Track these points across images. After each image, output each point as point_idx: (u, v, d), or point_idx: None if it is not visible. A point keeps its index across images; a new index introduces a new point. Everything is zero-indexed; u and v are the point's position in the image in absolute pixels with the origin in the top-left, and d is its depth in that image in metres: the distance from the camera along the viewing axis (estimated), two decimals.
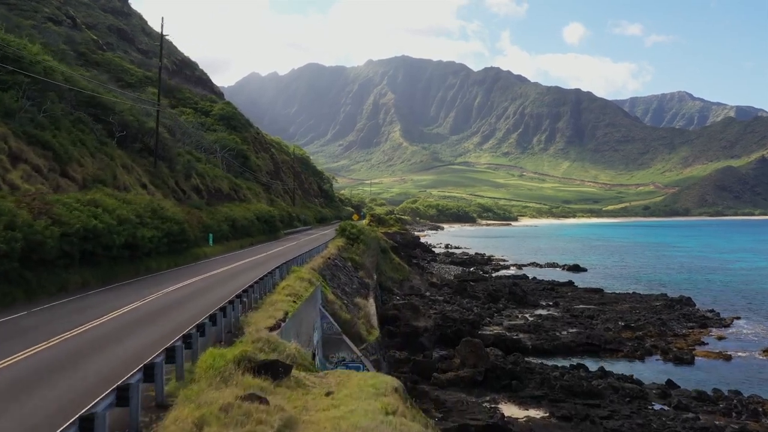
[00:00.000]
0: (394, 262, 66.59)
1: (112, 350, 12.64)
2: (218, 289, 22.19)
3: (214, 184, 61.32)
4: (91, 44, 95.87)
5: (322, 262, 35.09)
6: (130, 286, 23.77)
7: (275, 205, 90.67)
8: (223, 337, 13.64)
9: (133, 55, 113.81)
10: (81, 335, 13.94)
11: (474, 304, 59.61)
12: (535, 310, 60.91)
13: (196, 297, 20.48)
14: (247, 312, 16.95)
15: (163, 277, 27.41)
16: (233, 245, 50.38)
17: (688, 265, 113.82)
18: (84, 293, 21.65)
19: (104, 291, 22.41)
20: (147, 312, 17.19)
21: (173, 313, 16.81)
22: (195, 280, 25.81)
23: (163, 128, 58.46)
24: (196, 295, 20.88)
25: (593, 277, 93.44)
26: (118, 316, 16.29)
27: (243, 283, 21.98)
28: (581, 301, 66.80)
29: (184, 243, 36.00)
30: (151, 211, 32.74)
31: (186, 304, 18.67)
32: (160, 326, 14.86)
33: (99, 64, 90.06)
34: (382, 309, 45.37)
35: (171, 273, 29.61)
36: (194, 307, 17.71)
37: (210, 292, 21.58)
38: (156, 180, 45.91)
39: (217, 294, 20.62)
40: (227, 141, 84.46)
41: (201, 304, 18.08)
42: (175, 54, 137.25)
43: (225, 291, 21.06)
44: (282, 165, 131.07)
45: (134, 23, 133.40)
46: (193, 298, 20.14)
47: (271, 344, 11.96)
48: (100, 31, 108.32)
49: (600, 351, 45.57)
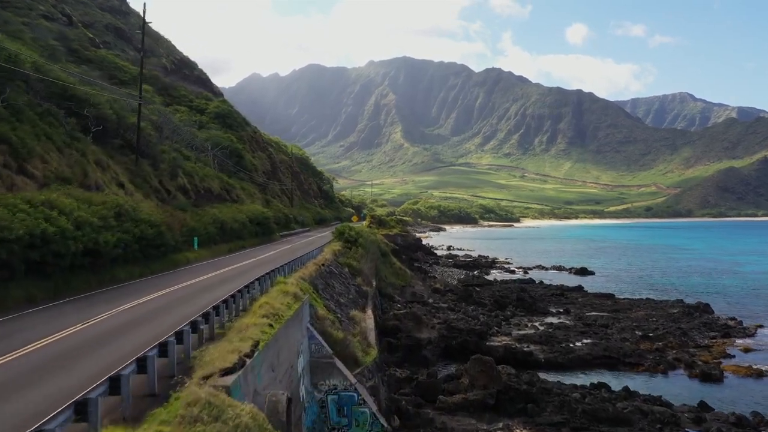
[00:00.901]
0: (395, 266, 62.85)
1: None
2: (181, 308, 18.52)
3: (204, 183, 57.71)
4: (84, 41, 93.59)
5: (315, 270, 31.43)
6: (84, 301, 20.15)
7: (271, 206, 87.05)
8: (156, 387, 9.94)
9: (130, 54, 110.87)
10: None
11: (480, 311, 55.91)
12: (545, 318, 57.23)
13: (151, 319, 16.82)
14: (205, 344, 13.28)
15: (128, 289, 23.76)
16: (221, 249, 46.76)
17: (699, 268, 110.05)
18: (25, 310, 18.06)
19: (49, 308, 18.78)
20: (74, 344, 13.45)
21: (108, 347, 13.07)
22: (161, 294, 22.14)
23: (148, 124, 54.95)
24: (151, 317, 17.21)
25: (602, 281, 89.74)
26: (33, 351, 12.60)
27: (215, 299, 18.39)
28: (593, 307, 63.09)
29: (161, 248, 32.39)
30: (121, 213, 29.13)
31: (132, 331, 14.99)
32: (75, 372, 10.94)
33: (92, 61, 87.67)
34: (381, 319, 41.71)
35: (140, 283, 25.96)
36: (138, 336, 14.02)
37: (170, 312, 17.92)
38: (136, 179, 42.28)
39: (176, 315, 16.94)
40: (221, 139, 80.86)
41: (149, 332, 14.41)
42: (174, 53, 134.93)
43: (189, 310, 17.39)
44: (280, 165, 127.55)
45: (132, 22, 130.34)
46: (145, 321, 16.47)
47: (213, 409, 8.33)
48: (97, 30, 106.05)
49: (619, 365, 41.90)
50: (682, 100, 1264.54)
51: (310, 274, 29.52)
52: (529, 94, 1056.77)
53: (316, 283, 29.34)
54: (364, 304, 36.41)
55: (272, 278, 23.41)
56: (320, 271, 32.62)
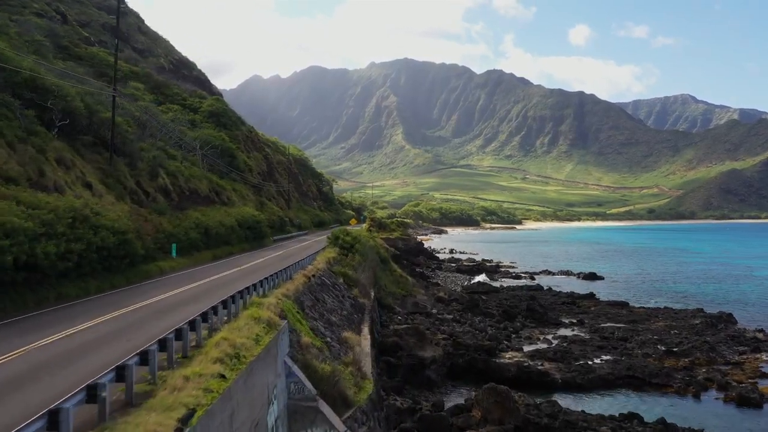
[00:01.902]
0: (396, 273, 58.58)
1: None
2: (115, 345, 14.27)
3: (190, 184, 53.53)
4: (75, 38, 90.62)
5: (303, 283, 27.24)
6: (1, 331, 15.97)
7: (265, 208, 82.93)
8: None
9: (127, 53, 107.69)
10: None
11: (488, 323, 51.65)
12: (558, 330, 52.97)
13: (63, 364, 12.49)
14: (112, 416, 9.01)
15: (71, 310, 19.60)
16: (205, 257, 42.62)
17: (711, 274, 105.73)
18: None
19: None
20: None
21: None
22: (104, 319, 17.94)
23: (129, 120, 50.85)
24: (65, 360, 12.87)
25: (613, 288, 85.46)
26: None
27: (166, 328, 14.23)
28: (608, 317, 58.81)
29: (126, 258, 28.23)
30: (77, 219, 24.97)
31: (16, 392, 10.69)
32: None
33: (82, 58, 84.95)
34: (380, 336, 37.50)
35: (90, 303, 21.79)
36: (15, 405, 9.76)
37: (99, 350, 13.68)
38: (108, 179, 38.10)
39: (99, 359, 12.68)
40: (212, 138, 76.70)
41: (39, 394, 10.16)
42: (173, 53, 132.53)
43: (116, 352, 13.15)
44: (277, 166, 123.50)
45: (130, 22, 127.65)
46: (53, 368, 12.13)
47: None
48: (93, 29, 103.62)
49: (644, 386, 37.67)
50: (684, 102, 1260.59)
51: (296, 288, 25.33)
52: (530, 96, 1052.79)
53: (303, 300, 25.15)
54: (360, 320, 32.20)
55: (246, 298, 19.23)
56: (309, 284, 28.43)
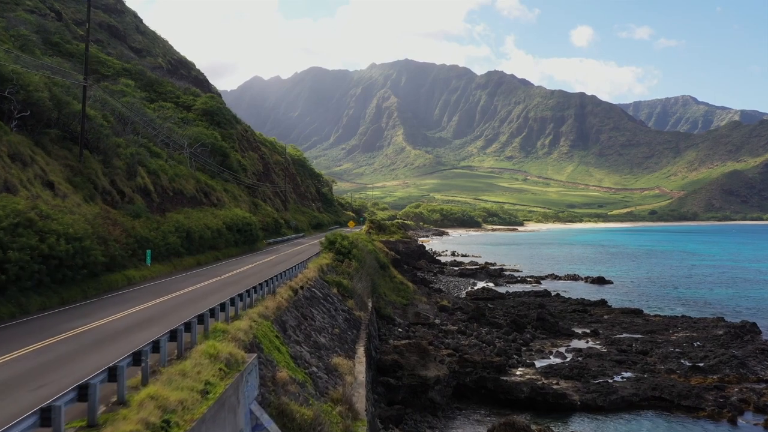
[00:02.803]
0: (396, 280, 54.55)
1: None
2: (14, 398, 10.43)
3: (174, 184, 49.68)
4: (66, 35, 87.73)
5: (287, 299, 23.35)
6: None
7: (260, 210, 79.17)
8: None
9: (120, 51, 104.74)
10: None
11: (495, 334, 47.68)
12: (570, 342, 49.06)
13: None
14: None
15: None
16: (187, 263, 38.80)
17: (724, 278, 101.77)
18: None
19: None
20: None
21: None
22: (23, 352, 14.08)
23: (107, 114, 47.03)
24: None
25: (624, 293, 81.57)
26: None
27: (86, 373, 10.41)
28: (623, 327, 54.88)
29: (84, 268, 24.38)
30: (20, 224, 21.15)
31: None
32: None
33: (73, 55, 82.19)
34: (378, 353, 33.60)
35: (22, 326, 17.91)
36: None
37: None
38: (76, 178, 34.28)
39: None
40: (202, 136, 72.91)
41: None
42: (171, 53, 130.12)
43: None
44: (274, 166, 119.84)
45: (128, 21, 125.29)
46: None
47: None
48: (90, 28, 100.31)
49: (673, 408, 33.78)
50: (685, 104, 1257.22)
51: (278, 305, 21.46)
52: (531, 97, 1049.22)
53: (286, 320, 21.27)
54: (355, 337, 28.30)
55: (207, 323, 15.36)
56: (295, 298, 24.55)
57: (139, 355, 11.10)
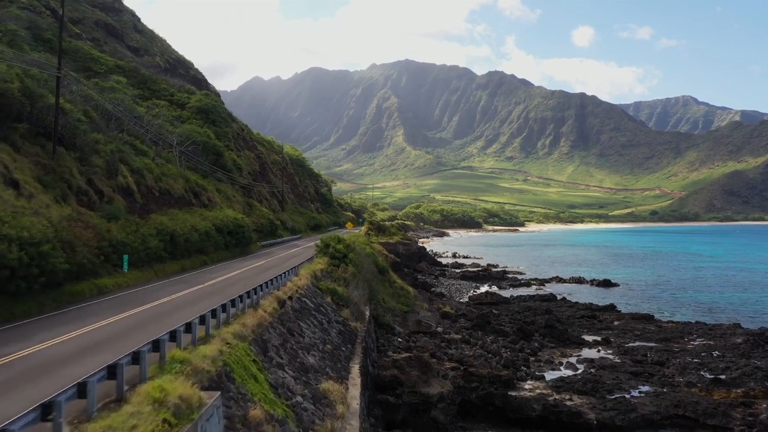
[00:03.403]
0: (396, 285, 51.65)
1: None
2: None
3: (161, 184, 46.88)
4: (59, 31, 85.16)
5: (272, 312, 20.50)
6: None
7: (254, 210, 76.35)
8: None
9: (113, 47, 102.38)
10: None
11: (501, 343, 44.81)
12: (581, 350, 46.21)
13: None
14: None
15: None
16: (170, 269, 35.94)
17: (733, 281, 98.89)
18: None
19: None
20: None
21: None
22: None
23: (89, 110, 44.20)
24: None
25: (632, 297, 78.74)
26: None
27: None
28: (635, 334, 52.01)
29: (41, 277, 21.54)
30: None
31: None
32: None
33: (66, 52, 79.92)
34: (376, 368, 30.74)
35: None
36: None
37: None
38: (48, 177, 31.47)
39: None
40: (195, 133, 70.09)
41: None
42: (169, 52, 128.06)
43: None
44: (272, 166, 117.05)
45: (125, 20, 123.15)
46: None
47: None
48: (86, 26, 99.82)
49: (698, 427, 30.96)
50: (686, 104, 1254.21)
51: (259, 321, 18.63)
52: (531, 97, 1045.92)
53: (268, 338, 18.41)
54: (350, 353, 25.45)
55: (164, 350, 12.51)
56: (281, 312, 21.69)
57: (49, 407, 8.26)
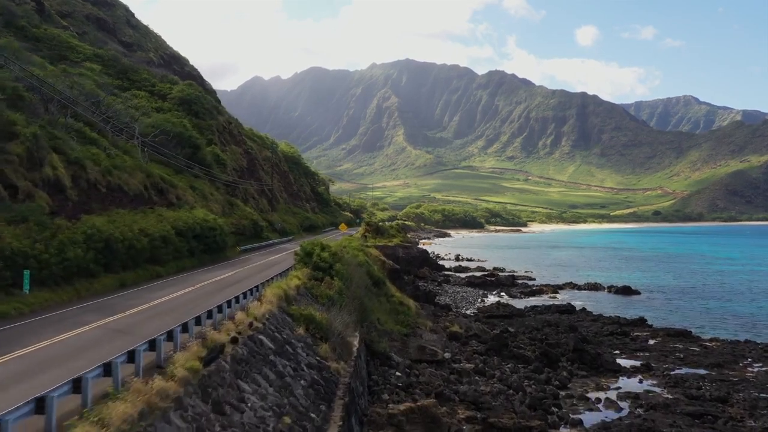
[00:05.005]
0: (394, 300, 43.34)
1: None
2: None
3: (111, 178, 38.74)
4: (35, 20, 78.87)
5: (178, 381, 12.37)
6: None
7: (236, 210, 68.28)
8: None
9: (93, 35, 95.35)
10: None
11: (522, 372, 36.68)
12: (618, 380, 38.02)
13: None
14: None
15: None
16: (100, 286, 27.81)
17: (763, 286, 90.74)
18: None
19: None
20: None
21: None
22: None
23: (18, 86, 36.07)
24: None
25: (657, 307, 70.62)
26: None
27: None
28: (677, 358, 43.83)
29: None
30: None
31: None
32: None
33: (39, 40, 73.39)
34: (367, 423, 22.54)
35: None
36: None
37: None
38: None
39: None
40: (166, 123, 62.00)
41: None
42: (164, 48, 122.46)
43: None
44: (263, 163, 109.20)
45: (118, 14, 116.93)
46: None
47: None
48: (75, 20, 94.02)
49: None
50: (687, 103, 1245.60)
51: (147, 403, 10.50)
52: (532, 97, 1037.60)
53: (185, 413, 10.32)
54: (324, 419, 17.32)
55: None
56: (205, 373, 13.55)
57: None
